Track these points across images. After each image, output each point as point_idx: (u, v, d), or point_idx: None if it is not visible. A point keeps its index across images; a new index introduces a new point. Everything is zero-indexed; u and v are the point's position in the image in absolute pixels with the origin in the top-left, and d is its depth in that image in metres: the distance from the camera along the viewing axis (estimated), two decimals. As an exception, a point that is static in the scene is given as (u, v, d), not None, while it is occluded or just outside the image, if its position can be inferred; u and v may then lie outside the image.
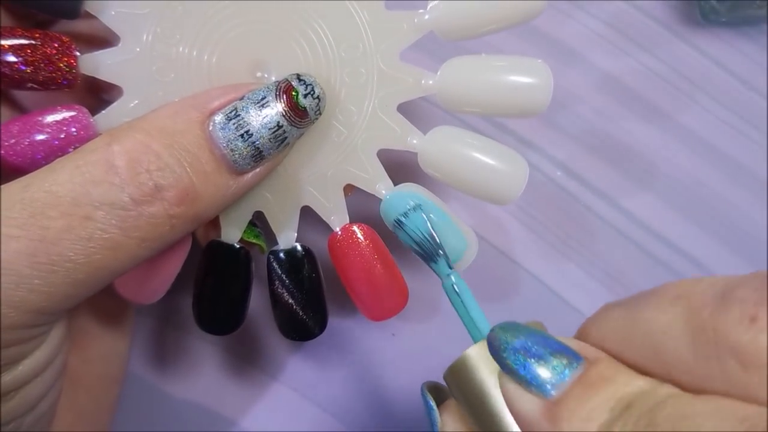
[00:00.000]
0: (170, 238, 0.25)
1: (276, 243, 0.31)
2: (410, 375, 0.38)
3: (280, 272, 0.30)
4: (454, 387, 0.24)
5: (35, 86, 0.28)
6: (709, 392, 0.18)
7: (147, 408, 0.38)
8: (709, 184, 0.39)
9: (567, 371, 0.21)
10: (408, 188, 0.29)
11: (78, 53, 0.28)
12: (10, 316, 0.22)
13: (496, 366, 0.22)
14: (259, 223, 0.32)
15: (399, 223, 0.28)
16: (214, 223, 0.30)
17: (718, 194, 0.39)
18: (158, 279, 0.30)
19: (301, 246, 0.31)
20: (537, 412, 0.21)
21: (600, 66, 0.41)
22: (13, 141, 0.27)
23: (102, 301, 0.33)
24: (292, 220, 0.30)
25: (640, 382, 0.20)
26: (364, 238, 0.30)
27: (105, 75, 0.28)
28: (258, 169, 0.27)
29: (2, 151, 0.27)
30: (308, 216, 0.30)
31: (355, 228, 0.30)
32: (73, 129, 0.28)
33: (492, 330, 0.23)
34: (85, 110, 0.28)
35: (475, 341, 0.24)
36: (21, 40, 0.27)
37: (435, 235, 0.27)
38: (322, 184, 0.30)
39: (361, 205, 0.31)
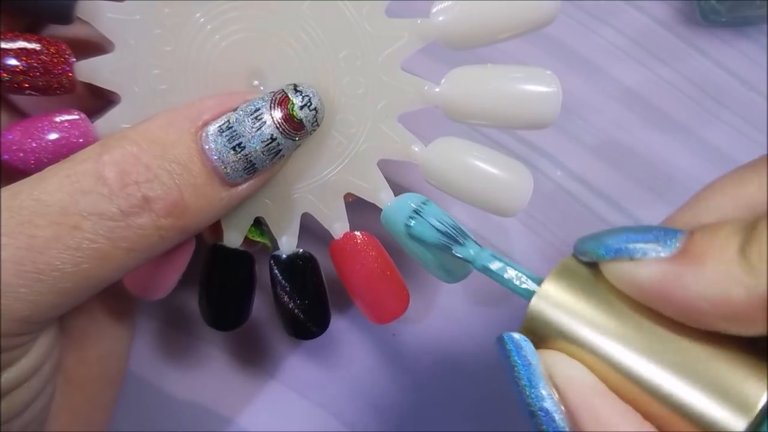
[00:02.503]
0: (160, 248, 0.25)
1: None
2: (410, 375, 0.38)
3: (281, 277, 0.30)
4: (543, 326, 0.23)
5: (33, 92, 0.28)
6: None
7: (147, 408, 0.38)
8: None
9: (677, 233, 0.21)
10: (408, 197, 0.29)
11: (74, 59, 0.28)
12: None
13: (579, 288, 0.23)
14: (264, 221, 0.32)
15: (416, 216, 0.27)
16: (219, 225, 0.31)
17: (718, 194, 0.39)
18: (165, 275, 0.30)
19: (302, 251, 0.31)
20: (663, 268, 0.21)
21: (602, 68, 0.41)
22: (15, 147, 0.27)
23: (103, 303, 0.33)
24: (292, 226, 0.30)
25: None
26: (366, 244, 0.30)
27: (101, 82, 0.28)
28: (252, 181, 0.27)
29: (5, 156, 0.27)
30: (310, 221, 0.30)
31: (356, 235, 0.30)
32: (74, 134, 0.28)
33: (578, 243, 0.23)
34: (84, 116, 0.28)
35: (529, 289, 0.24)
36: (19, 45, 0.27)
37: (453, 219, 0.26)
38: (322, 192, 0.30)
39: (362, 212, 0.31)
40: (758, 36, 0.40)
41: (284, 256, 0.30)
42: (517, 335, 0.23)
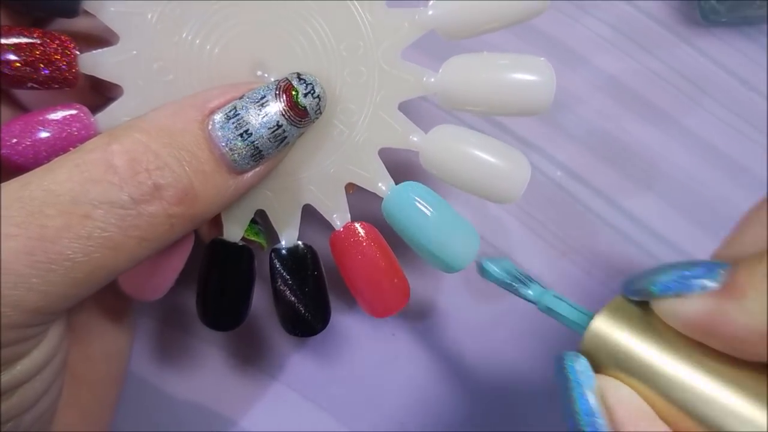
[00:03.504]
0: (170, 237, 0.25)
1: (277, 240, 0.31)
2: (410, 375, 0.38)
3: (282, 270, 0.30)
4: (595, 356, 0.24)
5: (35, 86, 0.28)
6: None
7: (147, 408, 0.38)
8: (709, 184, 0.39)
9: (720, 267, 0.22)
10: (409, 186, 0.29)
11: (77, 52, 0.28)
12: (8, 315, 0.22)
13: (626, 322, 0.24)
14: (260, 220, 0.32)
15: (488, 263, 0.28)
16: (217, 221, 0.30)
17: (718, 194, 0.39)
18: (162, 275, 0.30)
19: (303, 244, 0.31)
20: (708, 303, 0.21)
21: (600, 66, 0.41)
22: (14, 141, 0.27)
23: (105, 299, 0.33)
24: (293, 219, 0.30)
25: None
26: (366, 235, 0.30)
27: (105, 74, 0.28)
28: (258, 169, 0.27)
29: (4, 151, 0.27)
30: (310, 214, 0.30)
31: (357, 226, 0.30)
32: (74, 128, 0.28)
33: (626, 283, 0.24)
34: (86, 109, 0.28)
35: (582, 325, 0.25)
36: (20, 39, 0.27)
37: (516, 266, 0.28)
38: (323, 182, 0.30)
39: (363, 203, 0.31)
40: (758, 36, 0.41)
41: (286, 248, 0.30)
42: (578, 355, 0.24)
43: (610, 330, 0.24)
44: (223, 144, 0.25)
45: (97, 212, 0.23)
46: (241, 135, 0.25)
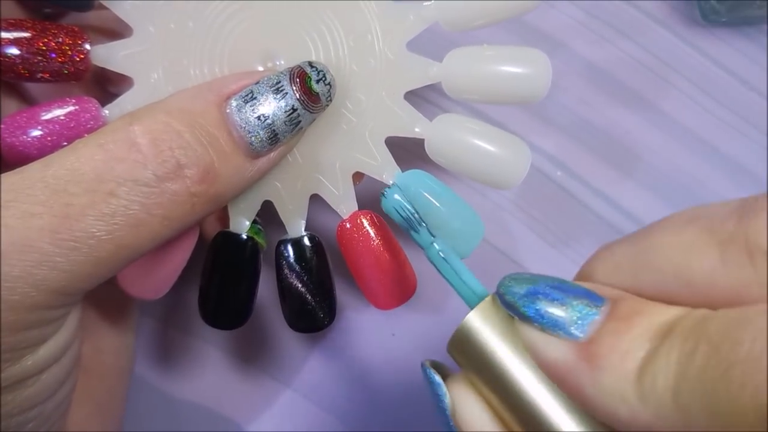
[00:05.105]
0: (191, 217, 0.25)
1: (279, 237, 0.31)
2: (410, 375, 0.38)
3: (291, 260, 0.30)
4: (462, 356, 0.23)
5: (45, 76, 0.28)
6: (747, 303, 0.17)
7: (147, 408, 0.38)
8: (709, 184, 0.40)
9: (593, 311, 0.20)
10: (415, 174, 0.30)
11: (89, 44, 0.28)
12: (31, 295, 0.22)
13: (504, 324, 0.22)
14: (260, 219, 0.32)
15: (386, 194, 0.28)
16: (222, 218, 0.30)
17: (718, 194, 0.40)
18: (163, 273, 0.30)
19: (310, 235, 0.31)
20: (568, 355, 0.19)
21: (601, 68, 0.41)
22: (20, 131, 0.27)
23: (111, 292, 0.33)
24: (301, 209, 0.30)
25: (673, 311, 0.19)
26: (373, 226, 0.30)
27: (117, 66, 0.29)
28: (272, 154, 0.27)
29: (9, 140, 0.27)
30: (317, 203, 0.30)
31: (363, 216, 0.30)
32: (83, 119, 0.28)
33: (502, 282, 0.22)
34: (95, 101, 0.29)
35: (472, 305, 0.23)
36: (32, 31, 0.28)
37: (413, 207, 0.27)
38: (331, 172, 0.30)
39: (370, 192, 0.31)
40: (758, 36, 0.41)
41: (292, 238, 0.31)
42: (431, 371, 0.23)
43: (477, 333, 0.22)
44: (242, 127, 0.26)
45: (121, 189, 0.23)
46: (258, 118, 0.26)
